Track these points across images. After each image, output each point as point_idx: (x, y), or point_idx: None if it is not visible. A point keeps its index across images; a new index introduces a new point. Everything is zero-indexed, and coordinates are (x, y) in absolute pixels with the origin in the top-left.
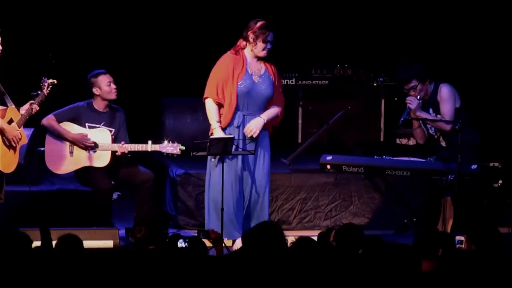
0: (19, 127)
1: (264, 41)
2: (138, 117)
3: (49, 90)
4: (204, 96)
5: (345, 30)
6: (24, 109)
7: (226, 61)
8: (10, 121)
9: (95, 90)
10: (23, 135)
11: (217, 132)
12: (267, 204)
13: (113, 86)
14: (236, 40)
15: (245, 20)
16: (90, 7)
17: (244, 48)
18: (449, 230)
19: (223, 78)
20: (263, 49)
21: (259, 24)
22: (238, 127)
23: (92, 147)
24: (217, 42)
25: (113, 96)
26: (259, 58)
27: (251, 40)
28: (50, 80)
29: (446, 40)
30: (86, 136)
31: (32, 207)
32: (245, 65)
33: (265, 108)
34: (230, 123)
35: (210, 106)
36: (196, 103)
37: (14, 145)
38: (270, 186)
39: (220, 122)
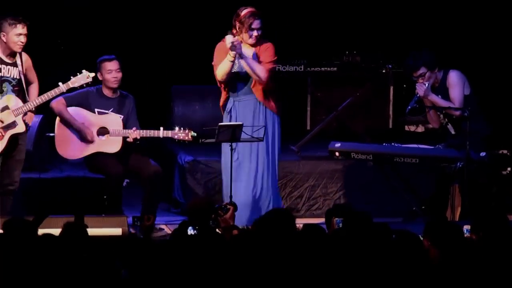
0: (16, 115)
1: (250, 29)
2: (147, 104)
3: (77, 86)
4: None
5: (354, 16)
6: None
7: (219, 49)
8: (5, 108)
9: (98, 75)
10: (21, 124)
11: (230, 55)
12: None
13: (113, 74)
14: None
15: (255, 7)
16: None
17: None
18: (457, 218)
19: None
20: (250, 37)
21: (244, 12)
22: (229, 112)
23: (89, 141)
24: (227, 30)
25: (112, 84)
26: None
27: (237, 28)
28: (90, 74)
29: (456, 27)
30: (89, 129)
31: (41, 194)
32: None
33: (253, 92)
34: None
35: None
36: (205, 90)
37: None
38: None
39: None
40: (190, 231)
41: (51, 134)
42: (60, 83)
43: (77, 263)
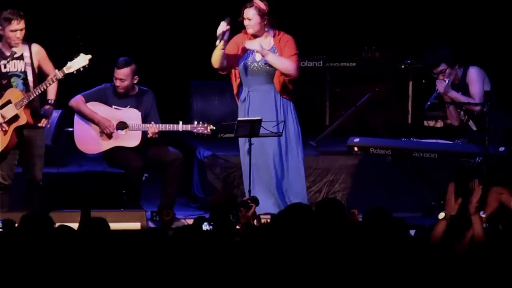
0: (18, 108)
1: (243, 19)
2: (166, 100)
3: (74, 71)
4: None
5: (373, 12)
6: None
7: (233, 40)
8: (7, 102)
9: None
10: (22, 116)
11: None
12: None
13: (118, 83)
14: None
15: (273, 2)
16: None
17: None
18: None
19: (229, 54)
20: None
21: None
22: (244, 101)
23: (109, 135)
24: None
25: (118, 89)
26: (267, 35)
27: None
28: (87, 57)
29: (476, 21)
30: (110, 122)
31: (60, 188)
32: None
33: (271, 83)
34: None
35: None
36: (224, 85)
37: None
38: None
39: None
40: (206, 227)
41: (70, 129)
42: (56, 70)
43: (95, 259)
